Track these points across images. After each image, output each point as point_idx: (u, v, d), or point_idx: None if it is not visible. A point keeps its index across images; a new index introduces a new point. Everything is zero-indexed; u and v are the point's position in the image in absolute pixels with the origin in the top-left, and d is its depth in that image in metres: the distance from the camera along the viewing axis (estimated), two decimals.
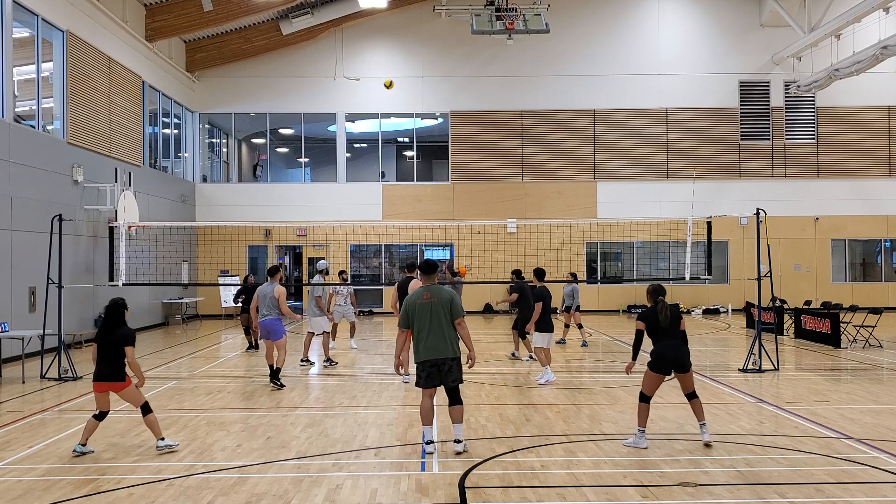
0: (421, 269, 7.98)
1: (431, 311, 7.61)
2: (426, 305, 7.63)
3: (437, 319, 7.60)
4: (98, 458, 7.75)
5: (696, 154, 27.47)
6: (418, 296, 7.71)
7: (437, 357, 7.57)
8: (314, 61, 27.28)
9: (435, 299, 7.66)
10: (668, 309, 8.01)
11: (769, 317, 15.77)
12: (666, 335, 7.95)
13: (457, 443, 7.67)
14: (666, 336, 7.95)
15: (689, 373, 7.99)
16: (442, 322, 7.60)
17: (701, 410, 8.03)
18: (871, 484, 6.64)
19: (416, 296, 7.74)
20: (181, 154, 26.49)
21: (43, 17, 16.88)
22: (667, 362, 7.89)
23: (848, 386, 11.84)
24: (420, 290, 7.79)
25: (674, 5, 27.79)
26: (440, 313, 7.61)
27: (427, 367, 7.62)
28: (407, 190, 27.42)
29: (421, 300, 7.66)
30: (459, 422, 7.69)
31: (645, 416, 7.95)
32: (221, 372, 13.89)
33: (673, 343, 7.93)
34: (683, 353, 7.94)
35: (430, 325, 7.58)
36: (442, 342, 7.58)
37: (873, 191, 27.57)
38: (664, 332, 7.95)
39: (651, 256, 27.42)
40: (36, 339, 13.65)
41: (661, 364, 7.89)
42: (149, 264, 19.99)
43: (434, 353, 7.57)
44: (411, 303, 7.68)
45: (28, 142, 16.12)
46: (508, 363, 14.51)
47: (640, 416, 7.96)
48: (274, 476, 7.05)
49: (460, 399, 7.73)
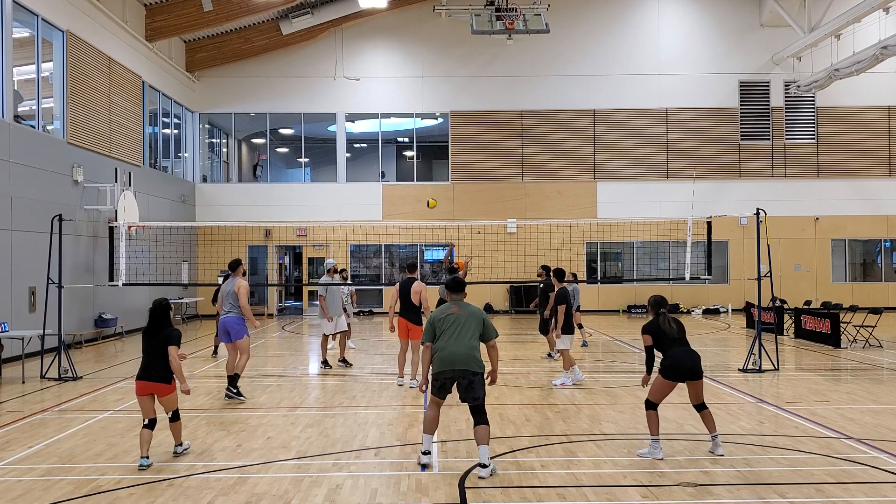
0: (449, 288, 7.66)
1: (460, 323, 7.28)
2: (453, 317, 7.32)
3: (464, 331, 7.25)
4: (98, 458, 7.75)
5: (697, 154, 27.47)
6: (446, 309, 7.44)
7: (459, 368, 7.13)
8: (314, 61, 27.28)
9: (464, 312, 7.38)
10: (671, 320, 7.88)
11: (769, 317, 15.77)
12: (676, 342, 7.76)
13: (483, 468, 6.96)
14: (676, 343, 7.75)
15: (700, 380, 7.78)
16: (468, 335, 7.25)
17: (713, 422, 7.76)
18: (871, 484, 6.63)
19: (443, 309, 7.46)
20: (181, 154, 26.49)
21: (43, 17, 16.88)
22: (684, 369, 7.64)
23: (848, 386, 11.84)
24: (447, 304, 7.52)
25: (674, 5, 27.79)
26: (470, 325, 7.29)
27: (442, 378, 7.20)
28: (407, 190, 27.42)
29: (448, 312, 7.37)
30: (486, 443, 7.03)
31: (656, 424, 7.62)
32: (222, 372, 13.87)
33: (687, 349, 7.73)
34: (697, 358, 7.75)
35: (455, 336, 7.22)
36: (465, 354, 7.16)
37: (873, 191, 27.57)
38: (674, 340, 7.77)
39: (651, 256, 27.42)
40: (36, 339, 13.65)
41: (675, 371, 7.63)
42: (149, 264, 19.99)
43: (454, 364, 7.14)
44: (438, 316, 7.39)
45: (28, 142, 16.11)
46: (508, 363, 14.50)
47: (651, 424, 7.62)
48: (274, 476, 7.04)
49: (486, 419, 7.14)
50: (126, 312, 20.08)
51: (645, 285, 27.19)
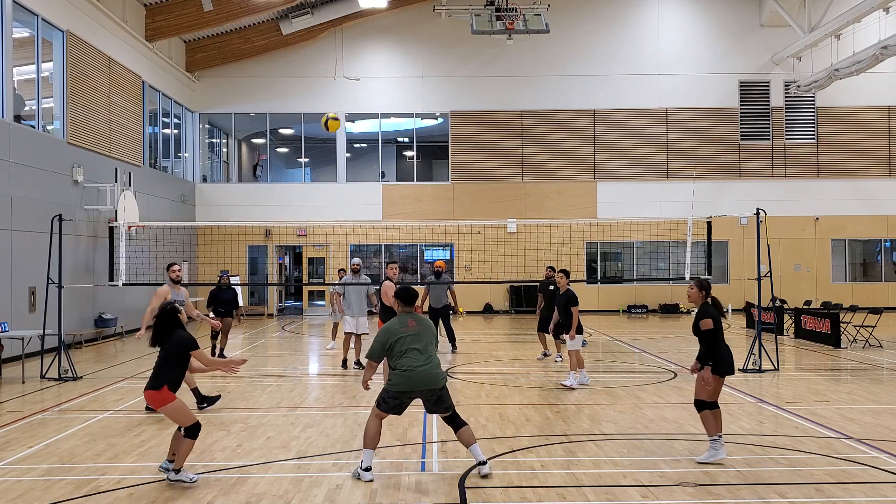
0: (401, 300, 7.23)
1: (421, 339, 6.98)
2: (412, 334, 6.98)
3: (427, 347, 7.01)
4: (98, 458, 7.75)
5: (696, 154, 27.47)
6: (401, 324, 7.06)
7: (428, 388, 6.91)
8: (314, 61, 27.29)
9: (421, 326, 7.09)
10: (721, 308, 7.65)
11: (769, 317, 15.76)
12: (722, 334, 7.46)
13: (482, 464, 6.91)
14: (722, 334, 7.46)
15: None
16: (431, 349, 7.04)
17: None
18: (871, 484, 6.63)
19: (397, 325, 7.06)
20: (181, 154, 26.49)
21: (43, 17, 16.88)
22: (730, 363, 7.40)
23: (848, 386, 11.84)
24: (401, 318, 7.12)
25: (674, 5, 27.80)
26: (430, 339, 7.07)
27: (404, 398, 6.94)
28: (407, 190, 27.42)
29: (405, 328, 7.02)
30: (474, 442, 7.01)
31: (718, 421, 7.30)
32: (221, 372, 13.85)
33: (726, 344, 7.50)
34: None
35: (420, 353, 6.92)
36: (433, 374, 6.92)
37: (873, 191, 27.58)
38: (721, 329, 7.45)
39: (651, 256, 27.42)
40: (36, 339, 13.65)
41: (726, 365, 7.34)
42: (149, 264, 19.98)
43: (425, 385, 6.89)
44: (393, 334, 6.98)
45: (28, 142, 16.12)
46: (508, 363, 14.51)
47: (713, 424, 7.29)
48: (274, 476, 7.04)
49: (462, 419, 7.11)
50: (126, 312, 20.08)
51: (645, 285, 27.21)
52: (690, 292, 7.61)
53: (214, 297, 15.05)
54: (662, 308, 27.15)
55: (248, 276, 26.62)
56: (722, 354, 7.33)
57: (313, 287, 28.28)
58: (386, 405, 6.96)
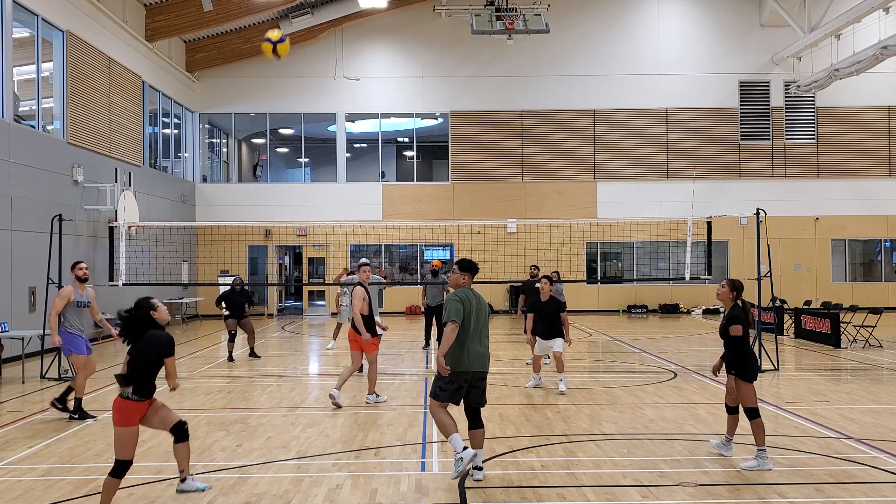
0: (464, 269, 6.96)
1: (481, 317, 6.86)
2: (475, 310, 6.81)
3: (485, 327, 6.89)
4: (98, 458, 7.75)
5: (697, 154, 27.47)
6: (469, 297, 6.82)
7: (481, 370, 6.81)
8: (314, 61, 27.28)
9: (482, 304, 6.94)
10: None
11: (769, 317, 15.77)
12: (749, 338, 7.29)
13: (478, 470, 6.81)
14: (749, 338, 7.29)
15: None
16: (486, 331, 6.89)
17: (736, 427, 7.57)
18: (871, 484, 6.63)
19: (469, 295, 6.82)
20: (181, 154, 26.49)
21: (43, 17, 16.88)
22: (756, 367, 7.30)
23: (848, 386, 11.84)
24: (469, 291, 6.90)
25: (674, 5, 27.79)
26: (486, 319, 6.95)
27: (461, 380, 6.75)
28: (407, 190, 27.42)
29: (472, 301, 6.82)
30: (481, 448, 6.94)
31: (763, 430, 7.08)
32: (221, 372, 13.88)
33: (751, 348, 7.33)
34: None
35: (479, 331, 6.80)
36: (486, 354, 6.86)
37: (873, 191, 27.57)
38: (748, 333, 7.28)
39: (651, 256, 27.42)
40: (36, 339, 13.65)
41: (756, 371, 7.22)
42: (149, 264, 19.99)
43: (480, 366, 6.79)
44: (466, 302, 6.75)
45: (28, 142, 16.12)
46: (508, 363, 14.51)
47: (761, 433, 7.04)
48: (274, 476, 7.04)
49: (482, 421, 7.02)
50: None
51: (645, 285, 27.20)
52: (721, 291, 7.45)
53: (226, 299, 15.06)
54: (662, 308, 27.14)
55: (248, 276, 26.61)
56: (749, 359, 7.15)
57: (313, 287, 28.27)
58: (445, 393, 6.74)
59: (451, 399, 6.77)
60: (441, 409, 6.79)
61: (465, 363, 6.73)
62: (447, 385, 6.74)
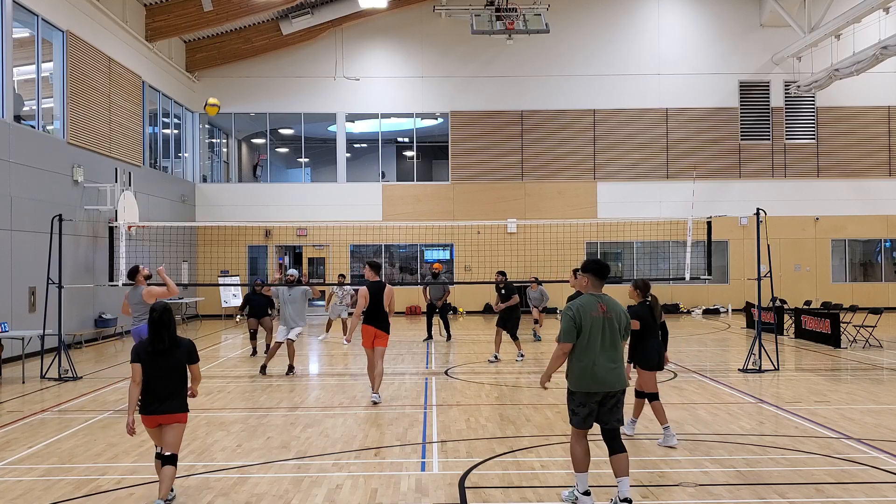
0: (591, 272, 6.15)
1: (607, 328, 5.99)
2: (600, 320, 5.97)
3: (613, 339, 6.00)
4: (98, 458, 7.75)
5: (697, 154, 27.47)
6: (592, 306, 5.99)
7: (609, 389, 5.97)
8: (314, 61, 27.28)
9: (611, 314, 6.03)
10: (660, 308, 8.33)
11: (769, 317, 15.76)
12: (653, 333, 8.16)
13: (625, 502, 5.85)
14: (653, 334, 8.16)
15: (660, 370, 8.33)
16: (617, 343, 6.03)
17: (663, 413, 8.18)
18: (871, 484, 6.63)
19: (589, 305, 6.00)
20: (181, 154, 26.49)
21: (43, 17, 16.88)
22: (655, 360, 8.14)
23: (848, 386, 11.84)
24: (593, 298, 6.05)
25: (674, 5, 27.79)
26: (617, 331, 6.03)
27: (591, 402, 5.98)
28: (407, 190, 27.42)
29: (595, 312, 5.98)
30: (627, 474, 5.96)
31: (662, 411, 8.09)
32: (221, 372, 13.89)
33: (657, 342, 8.19)
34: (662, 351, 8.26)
35: (603, 344, 5.94)
36: (617, 369, 5.99)
37: (873, 191, 27.57)
38: (654, 329, 8.16)
39: (651, 256, 27.42)
40: (36, 339, 13.65)
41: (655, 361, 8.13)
42: (149, 264, 19.92)
43: (609, 386, 5.95)
44: (585, 313, 5.96)
45: (28, 142, 16.12)
46: (508, 363, 14.50)
47: (661, 414, 8.06)
48: (274, 476, 7.04)
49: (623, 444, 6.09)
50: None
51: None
52: (630, 291, 8.40)
53: (249, 301, 16.18)
54: (662, 308, 27.10)
55: (248, 276, 26.60)
56: (646, 352, 8.09)
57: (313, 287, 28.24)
58: (578, 418, 6.00)
59: (584, 423, 6.02)
60: (582, 438, 6.05)
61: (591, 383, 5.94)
62: (579, 408, 6.01)
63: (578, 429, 6.01)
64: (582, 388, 5.95)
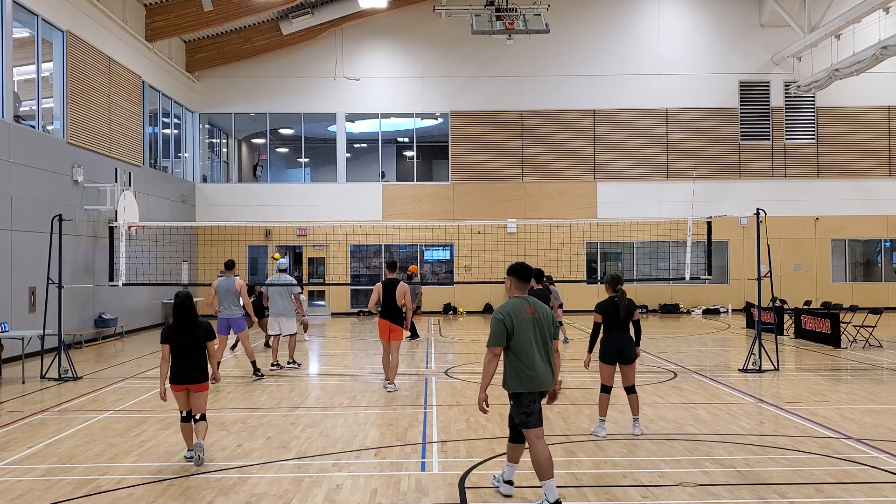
0: (514, 274, 6.21)
1: (537, 329, 6.07)
2: (530, 321, 6.05)
3: (544, 339, 6.10)
4: (98, 458, 7.75)
5: (697, 154, 27.46)
6: (521, 308, 6.08)
7: (546, 388, 6.13)
8: (314, 61, 27.28)
9: (539, 314, 6.12)
10: (627, 299, 8.45)
11: (769, 317, 15.76)
12: (619, 327, 8.41)
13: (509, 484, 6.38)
14: (618, 328, 8.41)
15: (632, 365, 8.52)
16: (548, 342, 6.13)
17: (637, 406, 8.58)
18: (871, 484, 6.63)
19: (518, 308, 6.08)
20: (181, 154, 26.48)
21: (43, 17, 16.88)
22: (613, 354, 8.44)
23: (848, 386, 11.84)
24: (521, 301, 6.14)
25: (674, 5, 27.79)
26: (546, 331, 6.13)
27: (537, 401, 6.08)
28: (407, 190, 27.42)
29: (524, 313, 6.06)
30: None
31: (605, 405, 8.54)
32: (221, 372, 13.86)
33: (621, 336, 8.43)
34: (628, 345, 8.46)
35: (536, 344, 6.04)
36: (547, 369, 6.11)
37: (873, 191, 27.57)
38: (619, 324, 8.40)
39: (651, 256, 27.42)
40: (36, 339, 13.65)
41: (608, 355, 8.45)
42: (149, 264, 19.99)
43: (544, 384, 6.09)
44: (514, 315, 6.04)
45: (28, 142, 16.11)
46: None
47: (604, 406, 8.53)
48: (274, 476, 7.04)
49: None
50: (126, 312, 20.08)
51: (645, 285, 27.19)
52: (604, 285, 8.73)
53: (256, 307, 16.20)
54: (662, 308, 27.14)
55: (248, 276, 26.60)
56: (605, 345, 8.46)
57: (313, 287, 28.25)
58: (534, 417, 6.05)
59: (538, 421, 6.06)
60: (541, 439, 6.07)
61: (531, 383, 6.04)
62: (526, 408, 6.05)
63: (536, 428, 6.06)
64: (528, 388, 6.05)
